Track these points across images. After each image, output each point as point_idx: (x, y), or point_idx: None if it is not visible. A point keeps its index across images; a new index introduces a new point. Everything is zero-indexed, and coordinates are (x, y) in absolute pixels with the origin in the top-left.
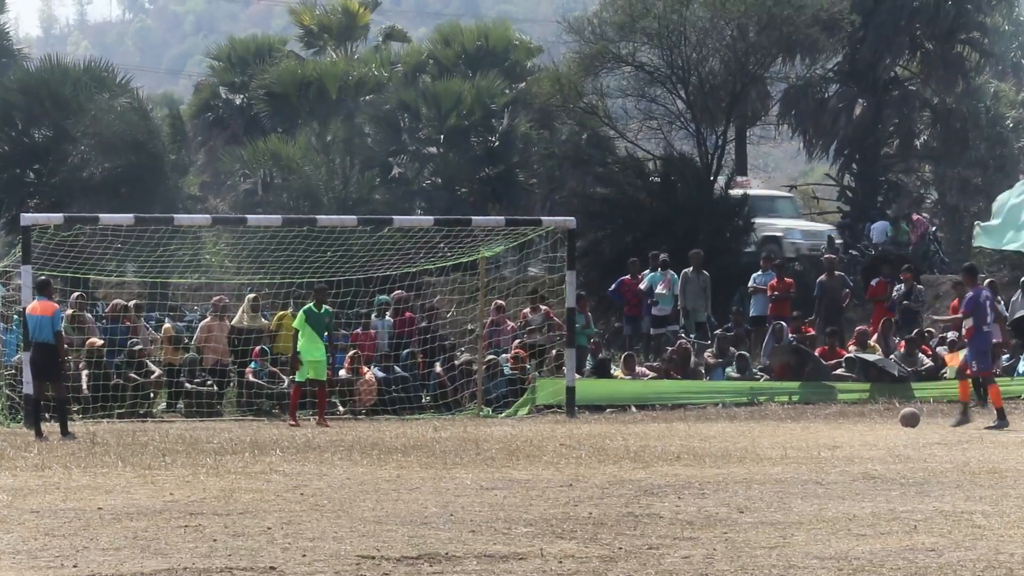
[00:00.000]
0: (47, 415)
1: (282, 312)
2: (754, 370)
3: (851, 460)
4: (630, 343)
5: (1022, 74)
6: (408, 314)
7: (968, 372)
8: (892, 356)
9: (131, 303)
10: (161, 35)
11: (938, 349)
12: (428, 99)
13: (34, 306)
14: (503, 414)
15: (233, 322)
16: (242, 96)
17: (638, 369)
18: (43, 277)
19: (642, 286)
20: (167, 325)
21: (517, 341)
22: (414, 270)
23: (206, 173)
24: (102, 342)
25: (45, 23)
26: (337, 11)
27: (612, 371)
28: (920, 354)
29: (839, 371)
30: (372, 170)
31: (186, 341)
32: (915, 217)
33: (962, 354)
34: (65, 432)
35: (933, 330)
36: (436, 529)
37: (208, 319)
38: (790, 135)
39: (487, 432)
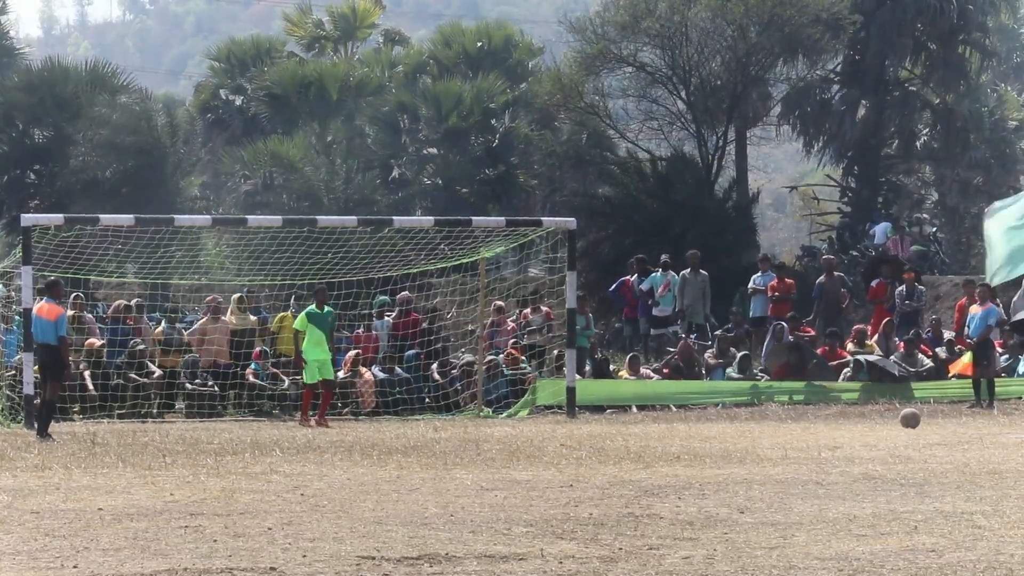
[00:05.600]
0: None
1: (283, 314)
2: (755, 371)
3: (851, 461)
4: (630, 344)
5: None
6: (414, 315)
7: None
8: (892, 357)
9: (132, 302)
10: (161, 36)
11: (937, 350)
12: (428, 100)
13: (40, 307)
14: (503, 415)
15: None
16: (242, 97)
17: (642, 370)
18: (53, 278)
19: (643, 287)
20: (158, 328)
21: (512, 341)
22: (415, 271)
23: (207, 174)
24: (102, 342)
25: (45, 23)
26: (337, 15)
27: (612, 371)
28: (920, 354)
29: (846, 371)
30: (372, 171)
31: (177, 344)
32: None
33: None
34: (44, 433)
35: (931, 329)
36: (436, 530)
37: (203, 321)
38: (791, 136)
39: (487, 433)
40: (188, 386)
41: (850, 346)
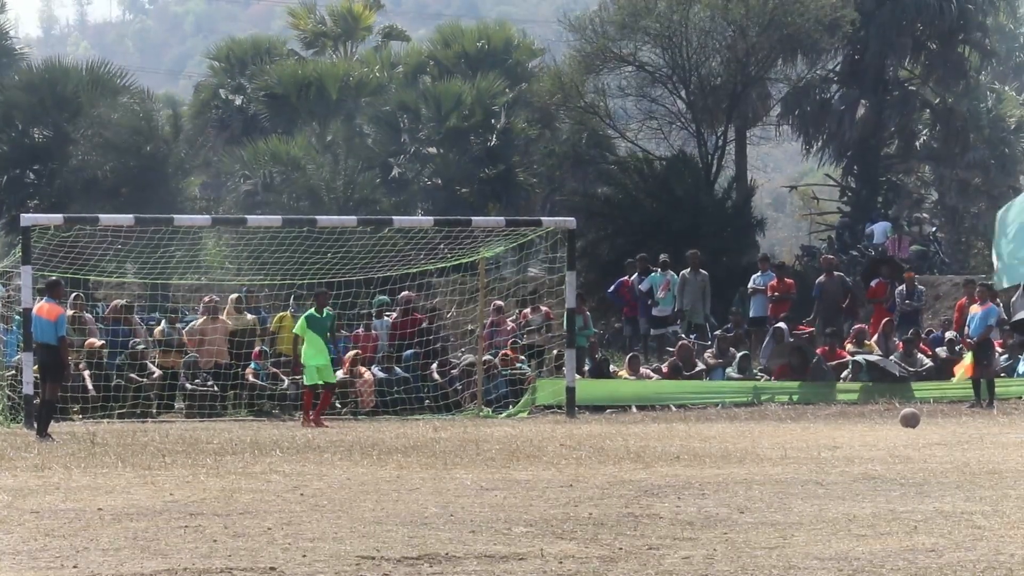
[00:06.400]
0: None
1: (282, 313)
2: (755, 371)
3: (851, 460)
4: (630, 344)
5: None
6: (416, 315)
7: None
8: (892, 357)
9: (125, 301)
10: (161, 36)
11: (937, 350)
12: (428, 100)
13: (40, 306)
14: (504, 414)
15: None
16: (242, 97)
17: (642, 370)
18: (54, 278)
19: (642, 287)
20: (158, 328)
21: (511, 341)
22: (414, 271)
23: (207, 174)
24: (102, 343)
25: (45, 23)
26: (337, 14)
27: (611, 371)
28: (920, 354)
29: (846, 373)
30: (372, 171)
31: (177, 345)
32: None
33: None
34: (43, 433)
35: (933, 329)
36: (436, 529)
37: (200, 321)
38: (791, 136)
39: (487, 432)
40: (188, 386)
41: (849, 346)
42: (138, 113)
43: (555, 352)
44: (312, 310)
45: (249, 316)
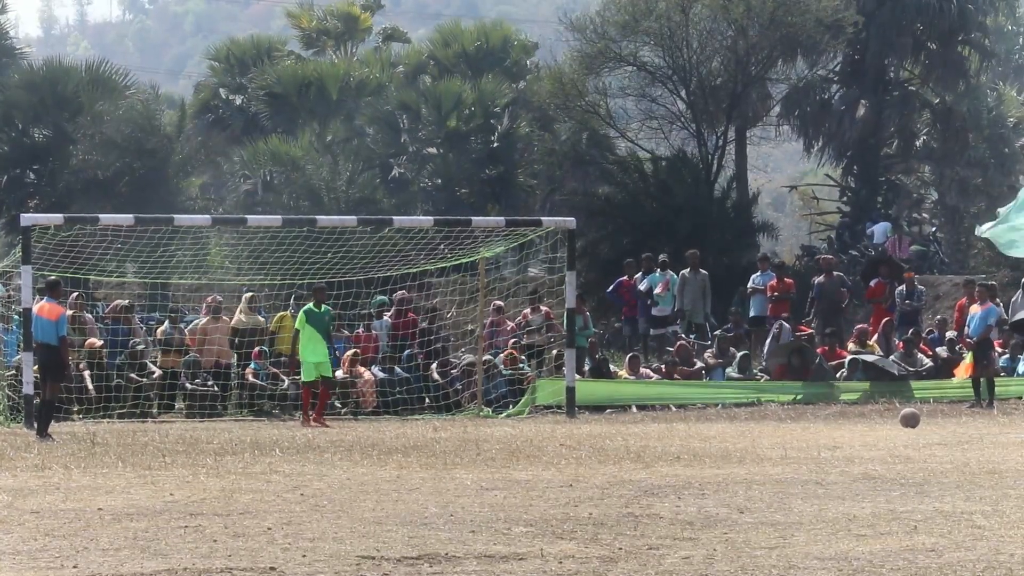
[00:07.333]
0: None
1: (282, 313)
2: (755, 371)
3: (851, 460)
4: (630, 344)
5: None
6: (411, 315)
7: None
8: (892, 356)
9: (125, 301)
10: (161, 36)
11: (938, 349)
12: (428, 100)
13: (41, 306)
14: (504, 414)
15: (232, 323)
16: (242, 97)
17: (642, 370)
18: (54, 278)
19: (641, 287)
20: (160, 328)
21: (513, 341)
22: (414, 271)
23: (207, 174)
24: (101, 343)
25: (45, 23)
26: (337, 14)
27: (612, 371)
28: (919, 354)
29: (841, 372)
30: (372, 171)
31: (177, 344)
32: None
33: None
34: (43, 433)
35: (935, 329)
36: (436, 529)
37: (203, 320)
38: (791, 136)
39: (487, 432)
40: (188, 386)
41: (851, 346)
42: (139, 112)
43: (555, 352)
44: (311, 305)
45: (260, 317)
